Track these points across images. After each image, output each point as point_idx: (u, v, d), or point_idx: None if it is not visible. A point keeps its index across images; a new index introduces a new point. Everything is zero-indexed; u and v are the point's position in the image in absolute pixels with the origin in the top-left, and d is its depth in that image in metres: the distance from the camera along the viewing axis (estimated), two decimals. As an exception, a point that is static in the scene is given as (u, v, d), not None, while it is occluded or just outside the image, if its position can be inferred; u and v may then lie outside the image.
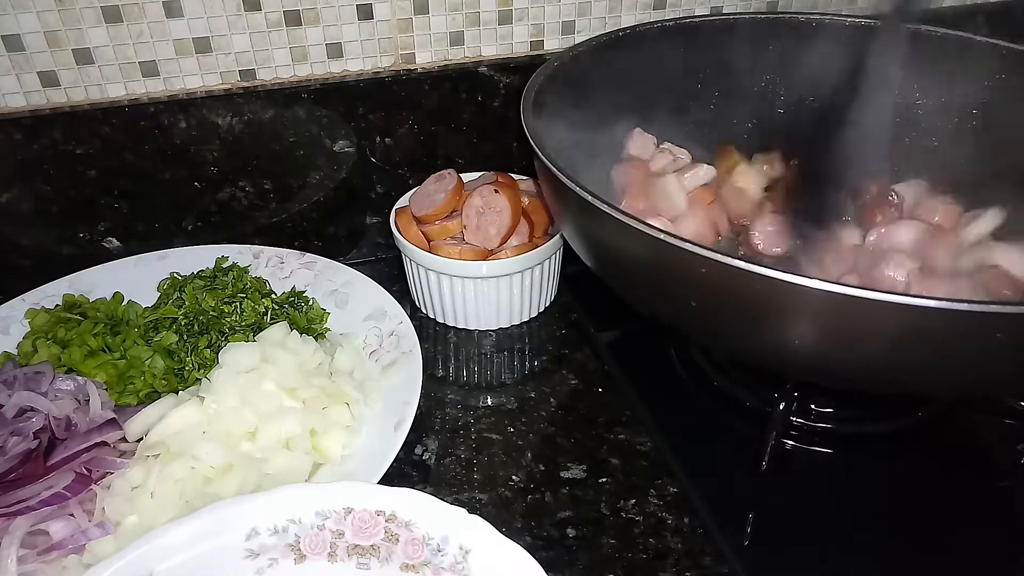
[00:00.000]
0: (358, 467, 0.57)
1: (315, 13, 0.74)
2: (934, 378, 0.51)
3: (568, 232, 0.62)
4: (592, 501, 0.59)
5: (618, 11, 0.82)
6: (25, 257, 0.76)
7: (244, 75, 0.75)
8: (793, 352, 0.50)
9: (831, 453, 0.62)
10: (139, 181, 0.76)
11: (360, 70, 0.78)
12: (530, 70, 0.66)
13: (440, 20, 0.78)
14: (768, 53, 0.76)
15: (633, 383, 0.68)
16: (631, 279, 0.58)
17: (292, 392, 0.59)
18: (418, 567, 0.44)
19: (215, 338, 0.64)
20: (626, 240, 0.52)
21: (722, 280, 0.46)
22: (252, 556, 0.44)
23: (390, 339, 0.67)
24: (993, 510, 0.58)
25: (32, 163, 0.72)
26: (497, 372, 0.71)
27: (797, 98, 0.77)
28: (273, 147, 0.78)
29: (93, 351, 0.63)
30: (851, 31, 0.75)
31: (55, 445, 0.55)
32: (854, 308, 0.43)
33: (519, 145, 0.85)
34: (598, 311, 0.77)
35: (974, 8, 0.93)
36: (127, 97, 0.74)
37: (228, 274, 0.69)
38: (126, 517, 0.53)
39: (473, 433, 0.65)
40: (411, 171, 0.83)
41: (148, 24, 0.71)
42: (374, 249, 0.86)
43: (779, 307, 0.46)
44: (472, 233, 0.72)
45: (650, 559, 0.54)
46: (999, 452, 0.63)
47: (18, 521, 0.50)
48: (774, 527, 0.57)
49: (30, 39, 0.69)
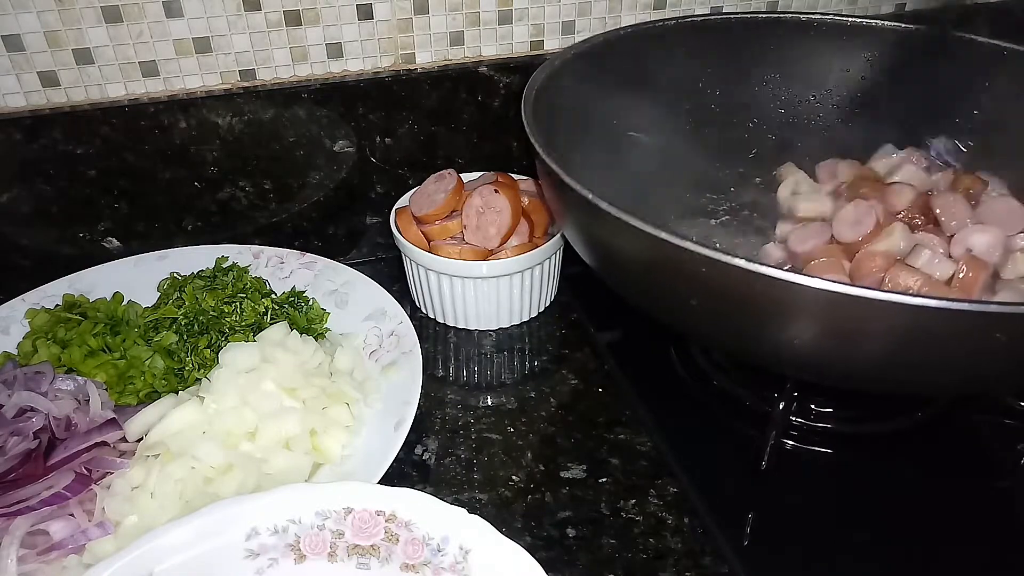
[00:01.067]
0: (358, 467, 0.57)
1: (315, 13, 0.74)
2: (933, 378, 0.51)
3: (569, 232, 0.62)
4: (592, 501, 0.59)
5: (618, 11, 0.82)
6: (25, 257, 0.76)
7: (244, 75, 0.75)
8: (793, 352, 0.50)
9: (831, 453, 0.62)
10: (139, 181, 0.76)
11: (360, 70, 0.78)
12: (530, 70, 0.66)
13: (440, 20, 0.78)
14: (769, 53, 0.77)
15: (633, 383, 0.68)
16: (631, 279, 0.58)
17: (292, 392, 0.59)
18: (418, 567, 0.44)
19: (215, 338, 0.64)
20: (626, 239, 0.52)
21: (722, 279, 0.46)
22: (252, 556, 0.44)
23: (390, 339, 0.67)
24: (993, 510, 0.58)
25: (32, 163, 0.72)
26: (497, 372, 0.71)
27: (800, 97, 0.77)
28: (273, 147, 0.78)
29: (93, 351, 0.63)
30: (852, 31, 0.75)
31: (55, 445, 0.55)
32: (853, 308, 0.43)
33: (519, 145, 0.85)
34: (598, 311, 0.77)
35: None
36: (127, 97, 0.74)
37: (228, 274, 0.69)
38: (126, 517, 0.53)
39: (473, 433, 0.65)
40: (411, 171, 0.83)
41: (148, 24, 0.71)
42: (374, 249, 0.86)
43: (779, 307, 0.46)
44: (472, 233, 0.72)
45: (650, 559, 0.54)
46: (999, 452, 0.63)
47: (18, 521, 0.50)
48: (774, 527, 0.57)
49: (30, 39, 0.69)
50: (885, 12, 0.91)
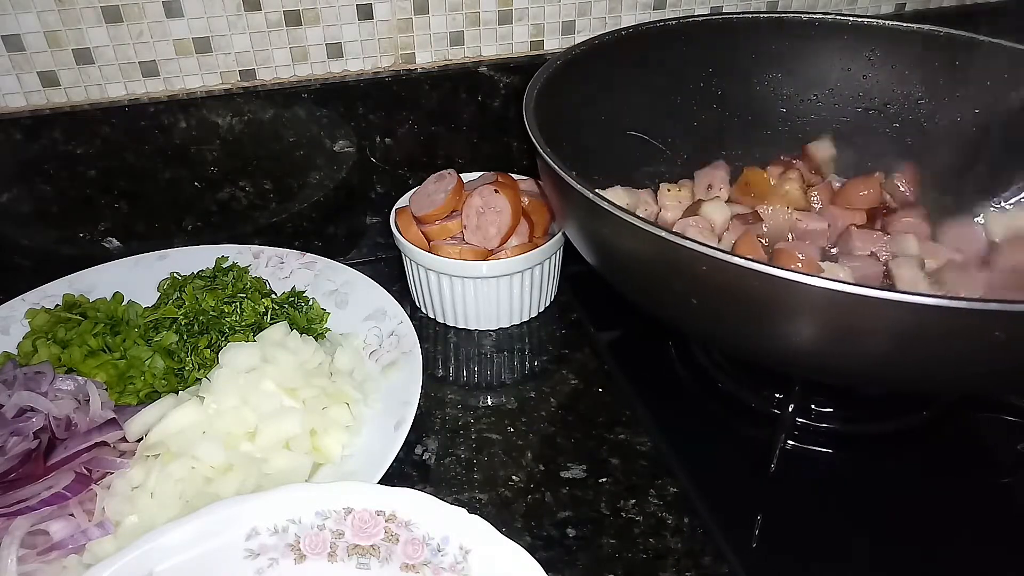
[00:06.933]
0: (358, 467, 0.57)
1: (315, 13, 0.74)
2: (933, 376, 0.51)
3: (570, 231, 0.62)
4: (592, 501, 0.59)
5: (618, 11, 0.82)
6: (25, 257, 0.76)
7: (244, 75, 0.75)
8: (793, 350, 0.50)
9: (831, 453, 0.62)
10: (139, 181, 0.76)
11: (360, 70, 0.78)
12: (530, 70, 0.66)
13: (440, 20, 0.78)
14: (769, 52, 0.77)
15: (633, 383, 0.68)
16: (633, 277, 0.58)
17: (292, 392, 0.59)
18: (418, 567, 0.44)
19: (215, 338, 0.64)
20: (628, 238, 0.52)
21: (723, 278, 0.46)
22: (252, 556, 0.44)
23: (390, 339, 0.67)
24: (996, 508, 0.58)
25: (32, 163, 0.72)
26: (497, 372, 0.71)
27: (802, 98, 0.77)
28: (273, 147, 0.78)
29: (93, 351, 0.63)
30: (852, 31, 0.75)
31: (55, 445, 0.55)
32: (852, 306, 0.43)
33: (519, 145, 0.85)
34: (598, 311, 0.77)
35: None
36: (127, 97, 0.74)
37: (228, 274, 0.69)
38: (126, 517, 0.53)
39: (473, 433, 0.65)
40: (411, 171, 0.83)
41: (148, 24, 0.71)
42: (374, 249, 0.86)
43: (779, 304, 0.46)
44: (472, 233, 0.72)
45: (650, 559, 0.54)
46: (1002, 450, 0.63)
47: (18, 521, 0.50)
48: (774, 526, 0.57)
49: (30, 39, 0.69)
50: (885, 12, 0.91)
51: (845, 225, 0.70)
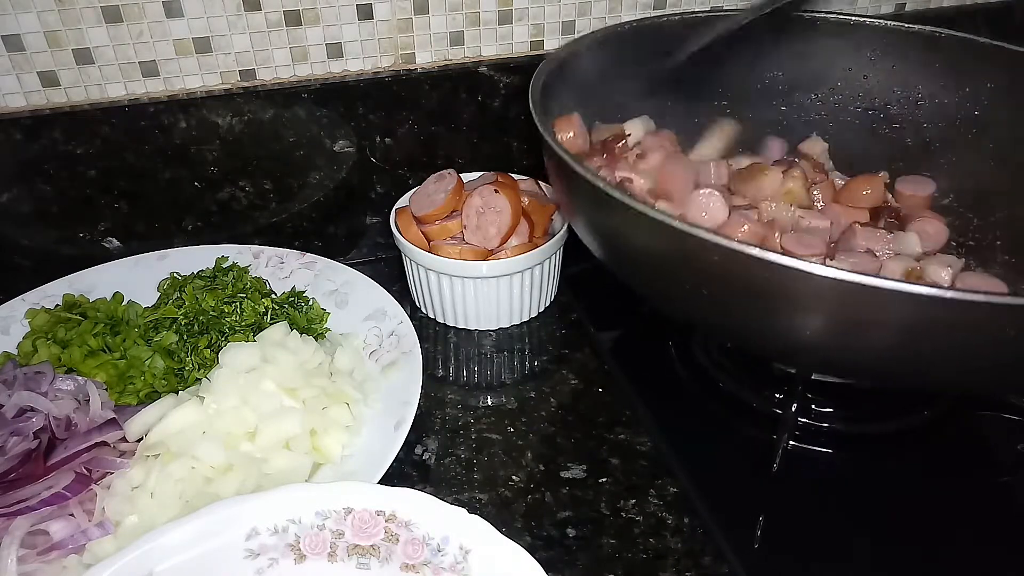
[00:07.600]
0: (358, 467, 0.57)
1: (315, 13, 0.74)
2: (941, 372, 0.50)
3: (577, 222, 0.61)
4: (592, 501, 0.58)
5: (618, 11, 0.82)
6: (25, 257, 0.76)
7: (244, 75, 0.75)
8: (804, 342, 0.49)
9: (832, 452, 0.62)
10: (139, 181, 0.76)
11: (360, 70, 0.78)
12: (530, 70, 0.66)
13: (440, 20, 0.78)
14: (771, 49, 0.76)
15: (633, 383, 0.68)
16: (642, 269, 0.58)
17: (292, 392, 0.59)
18: (418, 567, 0.44)
19: (215, 338, 0.64)
20: (638, 228, 0.51)
21: (735, 268, 0.46)
22: (252, 556, 0.44)
23: (390, 339, 0.67)
24: (997, 508, 0.58)
25: (32, 163, 0.72)
26: (497, 372, 0.71)
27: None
28: (273, 147, 0.78)
29: (93, 351, 0.63)
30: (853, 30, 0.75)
31: (55, 445, 0.55)
32: (864, 297, 0.43)
33: (519, 145, 0.85)
34: (598, 311, 0.77)
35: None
36: (127, 97, 0.74)
37: (228, 274, 0.69)
38: (126, 517, 0.53)
39: (473, 433, 0.65)
40: (411, 171, 0.83)
41: (148, 24, 0.71)
42: (374, 249, 0.86)
43: (791, 295, 0.46)
44: (472, 233, 0.72)
45: (650, 559, 0.54)
46: (1002, 450, 0.63)
47: (18, 521, 0.50)
48: (774, 526, 0.57)
49: (30, 39, 0.69)
50: (885, 12, 0.91)
51: (848, 223, 0.70)
